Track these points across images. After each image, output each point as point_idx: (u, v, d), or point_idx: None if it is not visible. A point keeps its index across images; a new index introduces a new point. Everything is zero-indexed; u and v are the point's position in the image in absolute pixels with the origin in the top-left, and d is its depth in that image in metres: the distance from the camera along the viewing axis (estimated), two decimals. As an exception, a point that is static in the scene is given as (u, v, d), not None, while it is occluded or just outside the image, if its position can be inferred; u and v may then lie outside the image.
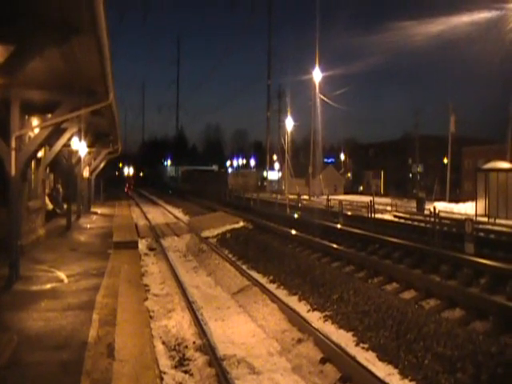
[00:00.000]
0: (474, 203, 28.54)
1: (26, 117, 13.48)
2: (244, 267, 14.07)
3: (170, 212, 35.33)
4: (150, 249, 18.32)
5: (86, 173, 29.89)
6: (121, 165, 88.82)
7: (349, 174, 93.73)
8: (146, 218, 30.26)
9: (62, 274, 11.21)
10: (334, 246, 15.34)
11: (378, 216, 24.66)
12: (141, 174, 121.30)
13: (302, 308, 9.91)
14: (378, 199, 34.47)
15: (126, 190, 69.14)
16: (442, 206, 29.02)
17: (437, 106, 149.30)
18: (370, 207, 22.49)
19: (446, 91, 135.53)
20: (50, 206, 21.99)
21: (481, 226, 20.22)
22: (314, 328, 8.17)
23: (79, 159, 23.19)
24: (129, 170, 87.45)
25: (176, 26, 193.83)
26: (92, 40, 7.92)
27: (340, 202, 25.13)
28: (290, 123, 55.86)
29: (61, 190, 26.45)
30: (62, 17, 7.26)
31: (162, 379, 6.24)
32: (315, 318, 9.22)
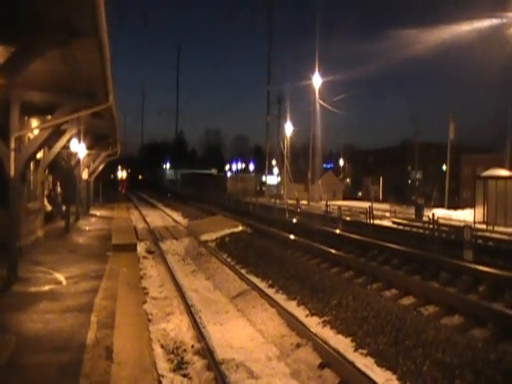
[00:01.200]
0: (472, 210, 28.57)
1: (26, 118, 13.49)
2: (243, 271, 14.05)
3: (168, 215, 35.30)
4: (149, 252, 18.29)
5: (85, 175, 29.90)
6: (120, 167, 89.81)
7: (348, 180, 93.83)
8: (145, 221, 30.22)
9: (60, 276, 11.18)
10: (333, 251, 15.33)
11: (377, 222, 24.67)
12: (140, 177, 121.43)
13: (300, 313, 9.89)
14: (376, 205, 34.50)
15: (120, 189, 79.21)
16: (440, 213, 29.04)
17: (436, 113, 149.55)
18: (369, 213, 22.51)
19: (445, 98, 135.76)
20: (49, 208, 21.94)
21: (479, 234, 20.23)
22: (313, 333, 8.16)
23: (78, 161, 23.19)
24: (122, 174, 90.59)
25: (177, 30, 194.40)
26: (93, 42, 7.92)
27: (339, 207, 25.17)
28: (289, 128, 55.94)
29: (60, 191, 26.41)
30: (63, 19, 7.27)
31: (160, 382, 6.22)
32: (314, 323, 9.20)
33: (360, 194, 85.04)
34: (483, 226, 24.84)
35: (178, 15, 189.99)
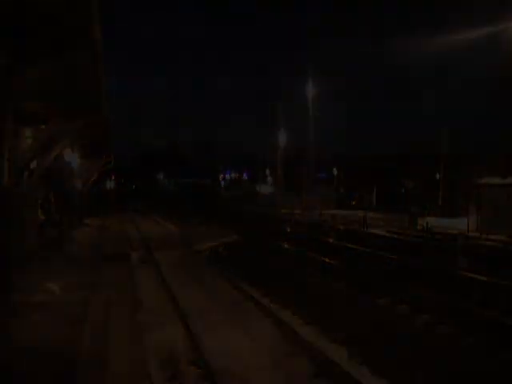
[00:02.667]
0: (466, 218, 28.67)
1: (20, 127, 13.46)
2: (237, 280, 14.02)
3: (162, 225, 35.21)
4: (142, 261, 18.21)
5: (78, 185, 29.83)
6: (113, 177, 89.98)
7: (341, 189, 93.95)
8: (138, 231, 30.12)
9: (54, 286, 11.13)
10: (327, 260, 15.34)
11: (371, 230, 24.71)
12: (133, 187, 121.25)
13: (295, 322, 9.86)
14: (370, 214, 34.55)
15: (109, 197, 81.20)
16: (434, 222, 29.10)
17: (432, 120, 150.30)
18: (363, 222, 22.56)
19: (440, 106, 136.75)
20: (42, 218, 21.85)
21: (473, 242, 20.28)
22: (308, 342, 8.13)
23: (72, 171, 23.16)
24: (110, 184, 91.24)
25: (172, 37, 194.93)
26: (87, 54, 7.96)
27: (332, 216, 25.21)
28: (283, 138, 56.09)
29: (53, 201, 26.32)
30: (58, 31, 7.30)
31: (154, 392, 6.18)
32: (308, 332, 9.17)
33: (354, 202, 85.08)
34: (477, 234, 24.90)
35: (173, 20, 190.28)
